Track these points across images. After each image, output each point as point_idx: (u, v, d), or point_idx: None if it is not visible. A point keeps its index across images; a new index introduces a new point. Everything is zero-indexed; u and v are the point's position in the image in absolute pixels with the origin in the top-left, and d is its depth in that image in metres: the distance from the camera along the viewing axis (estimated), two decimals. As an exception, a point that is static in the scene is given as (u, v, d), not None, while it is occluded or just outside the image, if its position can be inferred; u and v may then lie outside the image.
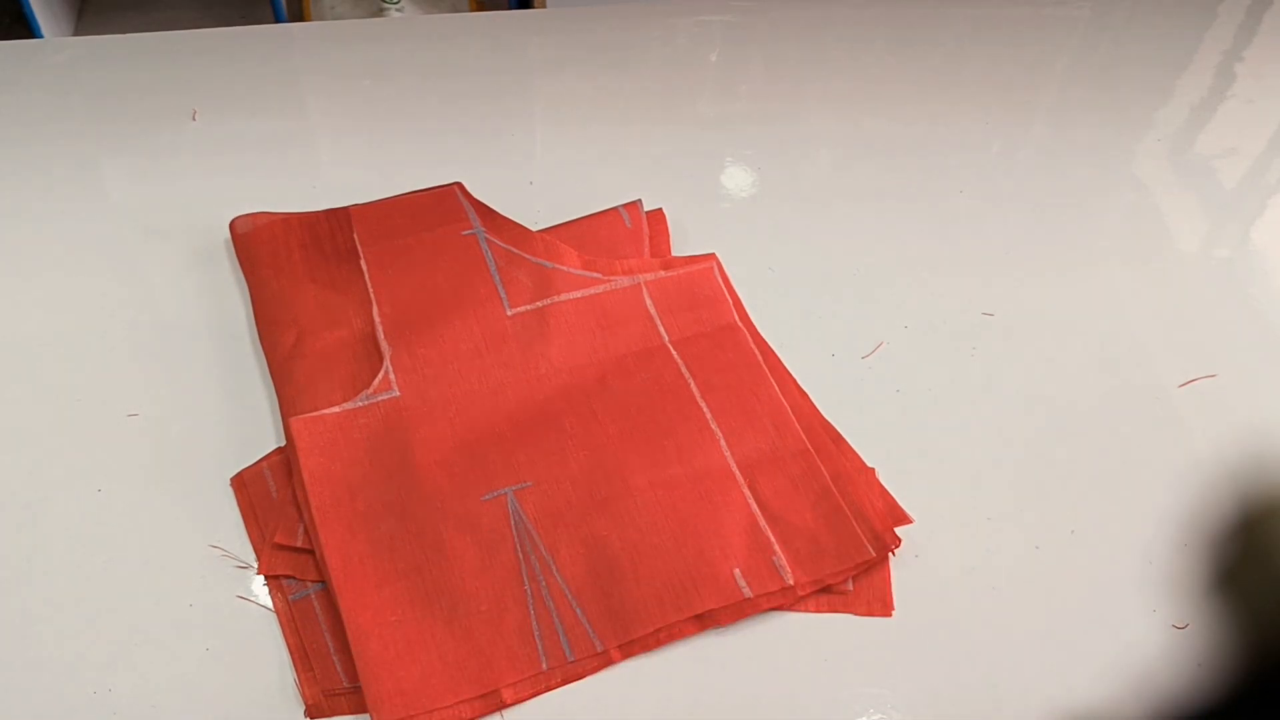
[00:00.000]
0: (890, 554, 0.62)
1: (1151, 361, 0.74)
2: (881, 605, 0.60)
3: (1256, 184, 0.89)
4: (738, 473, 0.64)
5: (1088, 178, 0.88)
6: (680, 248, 0.79)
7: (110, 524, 0.62)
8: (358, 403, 0.66)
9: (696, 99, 0.94)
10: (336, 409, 0.65)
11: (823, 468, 0.65)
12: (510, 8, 1.61)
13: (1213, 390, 0.72)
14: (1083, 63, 1.01)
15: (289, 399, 0.66)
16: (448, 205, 0.76)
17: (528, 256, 0.73)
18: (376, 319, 0.69)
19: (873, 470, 0.66)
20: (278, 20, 1.69)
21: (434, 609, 0.58)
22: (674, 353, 0.70)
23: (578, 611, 0.58)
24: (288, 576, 0.60)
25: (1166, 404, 0.71)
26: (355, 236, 0.74)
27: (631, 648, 0.58)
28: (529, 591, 0.59)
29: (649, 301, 0.73)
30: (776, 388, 0.69)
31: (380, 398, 0.66)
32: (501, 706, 0.56)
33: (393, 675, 0.55)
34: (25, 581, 0.59)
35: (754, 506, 0.63)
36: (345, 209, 0.77)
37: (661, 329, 0.72)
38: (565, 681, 0.57)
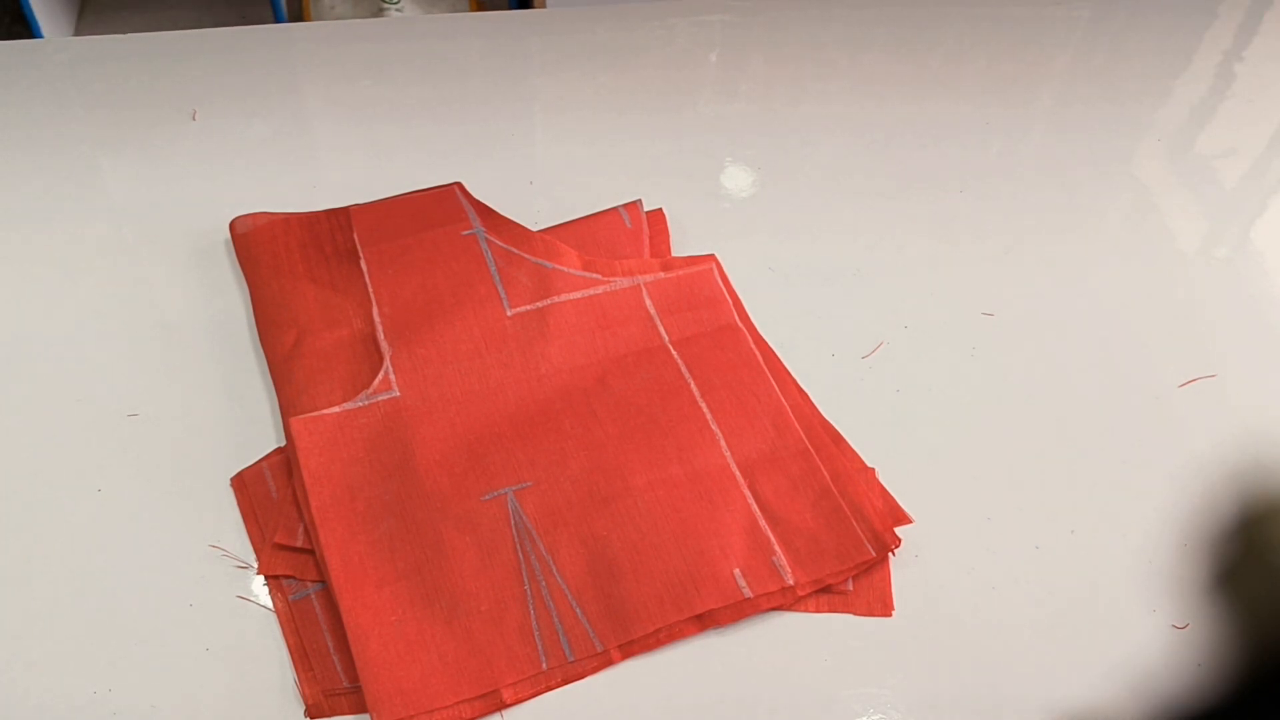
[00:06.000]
0: (890, 554, 0.62)
1: (1151, 361, 0.74)
2: (881, 605, 0.60)
3: (1256, 184, 0.89)
4: (737, 473, 0.64)
5: (1088, 178, 0.88)
6: (680, 248, 0.79)
7: (110, 524, 0.62)
8: (358, 403, 0.66)
9: (696, 99, 0.94)
10: (336, 409, 0.65)
11: (823, 468, 0.65)
12: (510, 8, 1.61)
13: (1213, 390, 0.72)
14: (1083, 63, 1.01)
15: (289, 399, 0.67)
16: (448, 205, 0.76)
17: (528, 257, 0.73)
18: (376, 319, 0.69)
19: (873, 470, 0.66)
20: (278, 20, 1.69)
21: (434, 609, 0.58)
22: (674, 353, 0.70)
23: (578, 611, 0.59)
24: (288, 576, 0.60)
25: (1166, 404, 0.71)
26: (355, 236, 0.74)
27: (631, 648, 0.58)
28: (529, 591, 0.59)
29: (649, 302, 0.73)
30: (776, 388, 0.69)
31: (380, 398, 0.66)
32: (501, 706, 0.56)
33: (393, 675, 0.55)
34: (25, 581, 0.59)
35: (754, 506, 0.63)
36: (345, 209, 0.77)
37: (661, 329, 0.72)
38: (565, 681, 0.57)
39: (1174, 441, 0.69)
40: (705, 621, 0.59)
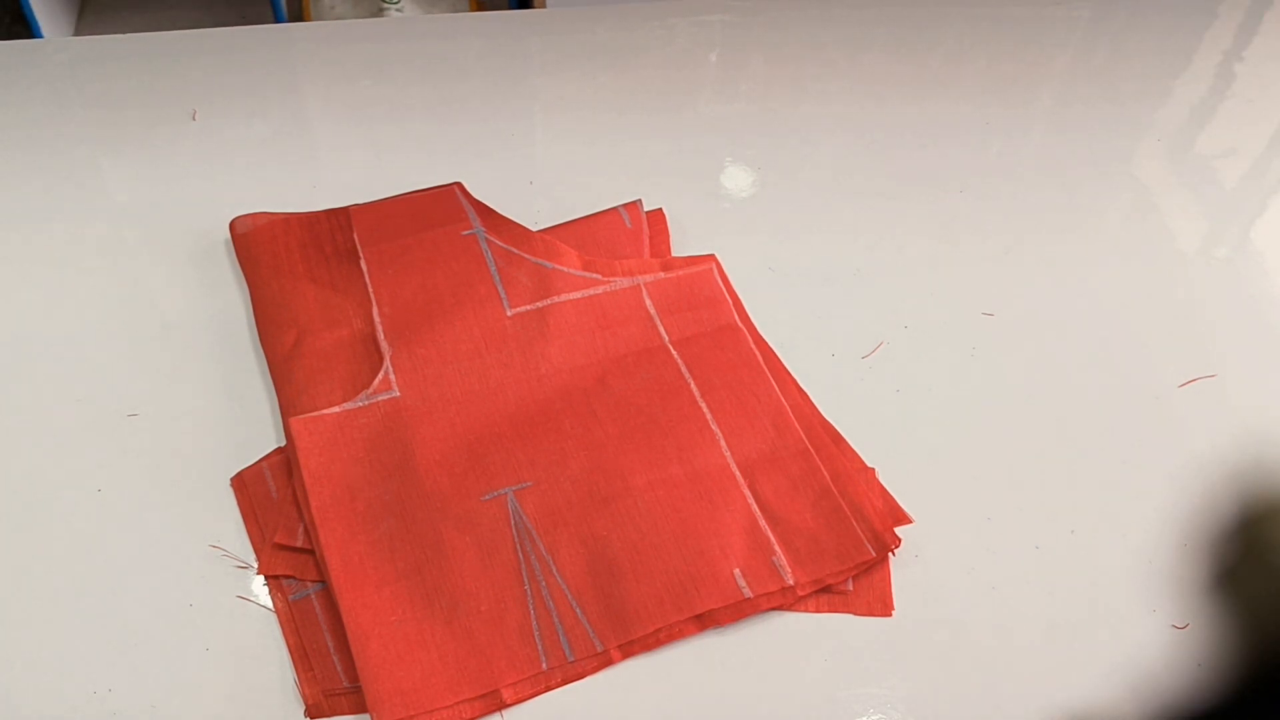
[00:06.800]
0: (890, 554, 0.62)
1: (1151, 361, 0.74)
2: (881, 605, 0.60)
3: (1256, 184, 0.89)
4: (737, 473, 0.64)
5: (1088, 178, 0.88)
6: (680, 248, 0.79)
7: (110, 524, 0.62)
8: (358, 403, 0.66)
9: (696, 99, 0.94)
10: (336, 409, 0.65)
11: (823, 468, 0.65)
12: (510, 8, 1.61)
13: (1213, 390, 0.72)
14: (1083, 63, 1.01)
15: (289, 399, 0.67)
16: (448, 205, 0.76)
17: (528, 256, 0.73)
18: (376, 319, 0.69)
19: (873, 470, 0.66)
20: (278, 20, 1.69)
21: (434, 609, 0.58)
22: (674, 353, 0.70)
23: (578, 611, 0.59)
24: (288, 576, 0.60)
25: (1166, 404, 0.71)
26: (355, 236, 0.74)
27: (631, 648, 0.58)
28: (529, 591, 0.59)
29: (649, 302, 0.73)
30: (776, 388, 0.69)
31: (380, 398, 0.66)
32: (501, 706, 0.56)
33: (392, 675, 0.55)
34: (25, 581, 0.59)
35: (754, 506, 0.63)
36: (345, 209, 0.77)
37: (661, 329, 0.72)
38: (565, 681, 0.57)
39: (1174, 441, 0.69)
40: (705, 621, 0.59)
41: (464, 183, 0.79)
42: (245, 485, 0.64)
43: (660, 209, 0.80)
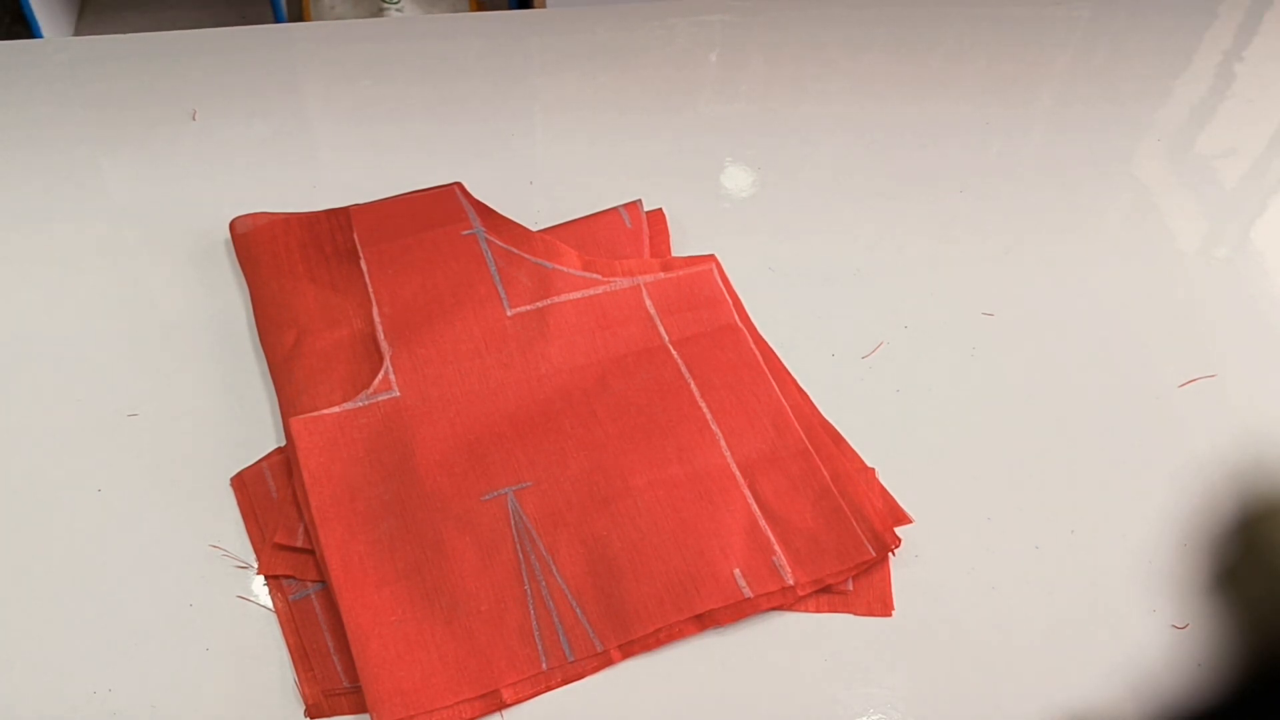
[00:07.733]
0: (890, 554, 0.62)
1: (1151, 361, 0.74)
2: (881, 605, 0.60)
3: (1256, 184, 0.89)
4: (737, 473, 0.64)
5: (1088, 178, 0.88)
6: (680, 248, 0.79)
7: (110, 524, 0.62)
8: (358, 403, 0.66)
9: (696, 99, 0.94)
10: (336, 409, 0.65)
11: (822, 468, 0.65)
12: (510, 8, 1.61)
13: (1213, 390, 0.72)
14: (1083, 63, 1.01)
15: (289, 399, 0.67)
16: (448, 205, 0.77)
17: (528, 257, 0.73)
18: (376, 319, 0.70)
19: (873, 470, 0.66)
20: (278, 20, 1.69)
21: (434, 609, 0.58)
22: (674, 353, 0.70)
23: (578, 611, 0.59)
24: (288, 576, 0.60)
25: (1166, 404, 0.71)
26: (355, 236, 0.74)
27: (631, 648, 0.58)
28: (529, 591, 0.59)
29: (649, 302, 0.73)
30: (776, 388, 0.69)
31: (380, 398, 0.66)
32: (501, 706, 0.56)
33: (393, 675, 0.55)
34: (25, 581, 0.59)
35: (754, 506, 0.63)
36: (345, 209, 0.77)
37: (661, 329, 0.72)
38: (565, 681, 0.57)
39: (1174, 441, 0.69)
40: (705, 621, 0.59)
41: (464, 183, 0.79)
42: (245, 485, 0.64)
43: (660, 209, 0.80)
